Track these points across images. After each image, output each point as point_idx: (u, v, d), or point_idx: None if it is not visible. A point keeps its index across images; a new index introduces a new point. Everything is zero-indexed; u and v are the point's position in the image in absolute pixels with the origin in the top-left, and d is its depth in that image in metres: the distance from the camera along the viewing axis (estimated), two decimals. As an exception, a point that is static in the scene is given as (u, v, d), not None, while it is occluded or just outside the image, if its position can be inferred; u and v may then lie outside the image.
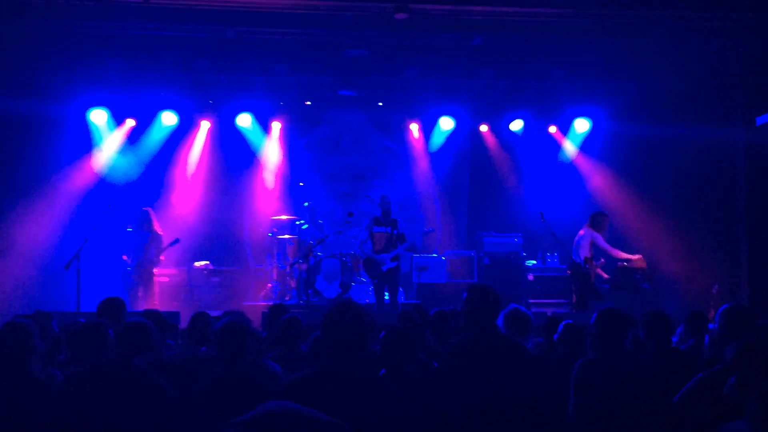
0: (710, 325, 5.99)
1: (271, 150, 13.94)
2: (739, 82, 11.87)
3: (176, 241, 11.27)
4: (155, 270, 11.32)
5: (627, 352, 4.54)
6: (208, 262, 12.57)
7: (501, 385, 4.23)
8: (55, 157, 12.40)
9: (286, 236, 12.64)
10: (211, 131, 13.60)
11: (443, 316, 6.17)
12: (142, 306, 10.29)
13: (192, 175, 13.54)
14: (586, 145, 13.74)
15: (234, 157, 13.81)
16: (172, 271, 12.29)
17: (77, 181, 12.57)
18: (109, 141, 12.98)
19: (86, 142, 12.84)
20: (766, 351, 3.82)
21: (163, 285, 12.00)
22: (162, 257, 11.34)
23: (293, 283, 12.26)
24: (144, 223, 11.23)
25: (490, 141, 14.14)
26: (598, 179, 13.57)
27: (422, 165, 14.33)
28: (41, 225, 11.78)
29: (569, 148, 13.85)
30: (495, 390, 4.22)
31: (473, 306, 4.44)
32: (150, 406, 3.87)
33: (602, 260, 10.76)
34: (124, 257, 11.19)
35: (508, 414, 4.18)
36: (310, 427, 2.02)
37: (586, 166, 13.76)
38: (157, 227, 11.32)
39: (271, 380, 4.47)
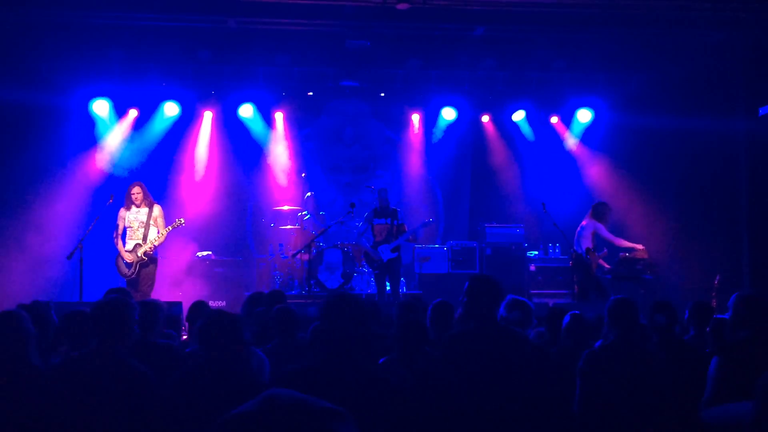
0: (715, 316, 5.99)
1: (273, 141, 13.95)
2: (740, 73, 11.84)
3: (179, 222, 9.95)
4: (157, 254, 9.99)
5: (636, 342, 4.55)
6: (210, 252, 12.58)
7: (502, 376, 4.24)
8: (58, 149, 12.42)
9: (289, 227, 12.68)
10: (213, 121, 13.62)
11: (443, 308, 6.14)
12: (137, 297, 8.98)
13: (194, 166, 13.55)
14: (588, 135, 13.72)
15: (236, 147, 13.81)
16: (174, 260, 12.27)
17: (80, 172, 12.59)
18: (111, 132, 12.99)
19: (89, 133, 12.85)
20: None
21: (166, 274, 11.93)
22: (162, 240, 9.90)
23: (295, 274, 12.28)
24: (133, 198, 9.82)
25: (492, 131, 14.14)
26: (600, 170, 13.56)
27: (424, 156, 14.33)
28: (45, 216, 11.80)
29: (571, 138, 13.84)
30: (496, 381, 4.22)
31: (475, 296, 4.43)
32: (132, 393, 3.91)
33: (605, 251, 10.76)
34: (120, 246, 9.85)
35: (510, 405, 4.17)
36: (312, 414, 2.03)
37: (588, 157, 13.75)
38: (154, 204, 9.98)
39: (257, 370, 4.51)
